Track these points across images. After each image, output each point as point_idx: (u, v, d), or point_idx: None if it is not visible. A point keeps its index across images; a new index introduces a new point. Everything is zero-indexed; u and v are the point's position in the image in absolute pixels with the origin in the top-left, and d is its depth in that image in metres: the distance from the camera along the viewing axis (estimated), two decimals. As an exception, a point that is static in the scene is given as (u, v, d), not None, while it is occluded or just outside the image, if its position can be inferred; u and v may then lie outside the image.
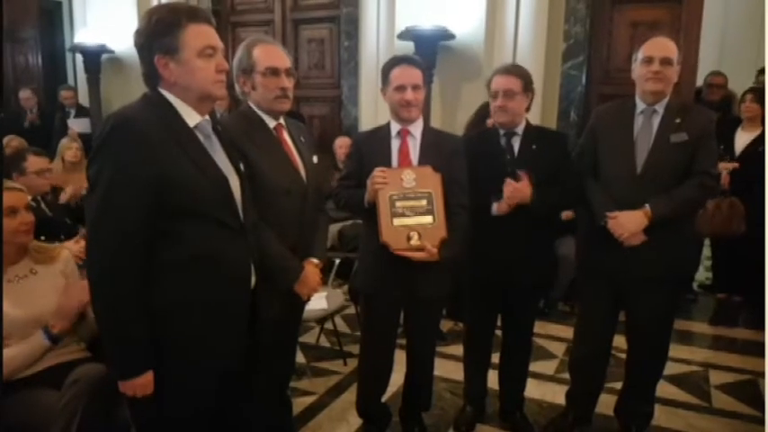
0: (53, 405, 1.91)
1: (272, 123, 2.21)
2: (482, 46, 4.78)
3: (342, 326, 4.08)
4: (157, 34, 1.58)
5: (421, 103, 2.44)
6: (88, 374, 1.95)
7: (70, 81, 7.08)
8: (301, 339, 3.56)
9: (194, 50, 1.59)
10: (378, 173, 2.31)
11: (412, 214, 2.31)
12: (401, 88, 2.38)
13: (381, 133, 2.51)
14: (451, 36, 4.76)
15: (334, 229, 4.69)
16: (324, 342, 3.92)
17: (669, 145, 2.43)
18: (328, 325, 3.76)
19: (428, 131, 2.52)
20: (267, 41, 2.21)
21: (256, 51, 2.16)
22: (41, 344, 2.09)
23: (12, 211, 2.11)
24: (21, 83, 7.13)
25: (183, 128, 1.61)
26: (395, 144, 2.47)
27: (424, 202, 2.33)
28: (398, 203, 2.31)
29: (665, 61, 2.41)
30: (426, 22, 4.68)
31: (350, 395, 3.11)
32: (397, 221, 2.31)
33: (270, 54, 2.17)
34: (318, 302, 3.32)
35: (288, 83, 2.19)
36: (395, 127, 2.47)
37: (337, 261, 3.99)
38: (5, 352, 2.00)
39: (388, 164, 2.41)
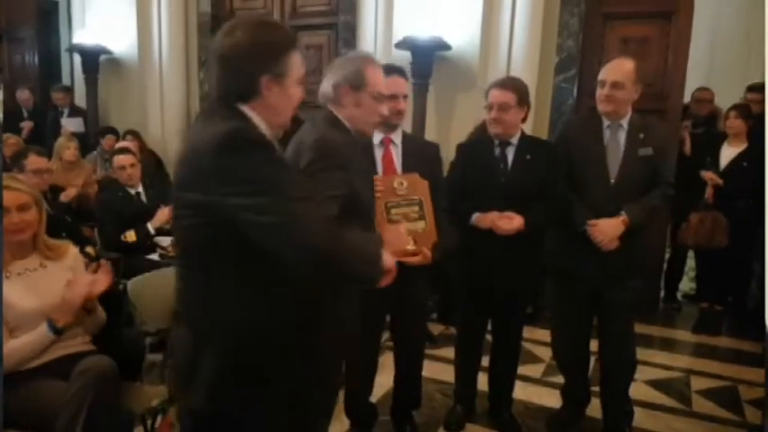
0: (61, 395, 1.96)
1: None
2: (477, 57, 4.84)
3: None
4: (270, 55, 1.54)
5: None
6: (96, 366, 2.01)
7: (66, 81, 7.08)
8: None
9: (296, 78, 1.58)
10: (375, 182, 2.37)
11: (406, 221, 2.39)
12: (393, 97, 2.45)
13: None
14: (447, 47, 4.84)
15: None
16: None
17: (638, 158, 2.64)
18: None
19: (407, 139, 2.61)
20: (377, 63, 2.14)
21: (371, 72, 2.07)
22: (46, 336, 2.12)
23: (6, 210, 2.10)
24: (17, 82, 7.14)
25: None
26: (378, 153, 2.54)
27: (416, 209, 2.41)
28: (393, 211, 2.39)
29: (615, 85, 2.58)
30: (423, 32, 4.74)
31: (340, 395, 3.18)
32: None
33: (381, 79, 2.11)
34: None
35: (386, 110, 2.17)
36: (377, 136, 2.53)
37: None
38: (13, 342, 2.06)
39: (373, 172, 2.46)
